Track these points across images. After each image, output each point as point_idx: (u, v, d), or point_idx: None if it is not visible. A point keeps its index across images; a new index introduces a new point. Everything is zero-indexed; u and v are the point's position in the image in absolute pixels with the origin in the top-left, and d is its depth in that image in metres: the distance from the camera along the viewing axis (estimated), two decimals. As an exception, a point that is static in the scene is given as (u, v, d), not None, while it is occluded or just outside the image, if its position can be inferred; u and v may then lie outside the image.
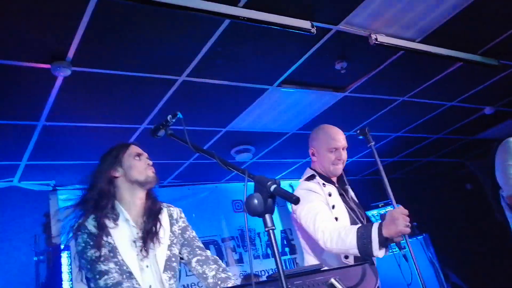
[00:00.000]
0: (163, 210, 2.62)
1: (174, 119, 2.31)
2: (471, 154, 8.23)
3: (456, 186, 8.76)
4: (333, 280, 1.91)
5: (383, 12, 3.48)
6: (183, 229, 2.65)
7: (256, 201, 1.56)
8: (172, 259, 2.49)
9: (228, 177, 6.74)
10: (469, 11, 3.66)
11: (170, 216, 2.64)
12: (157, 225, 2.51)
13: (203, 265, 2.54)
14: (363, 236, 2.48)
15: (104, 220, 2.39)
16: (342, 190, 3.05)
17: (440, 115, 5.99)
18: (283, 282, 1.50)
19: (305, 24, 3.30)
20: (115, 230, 2.40)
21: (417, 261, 2.56)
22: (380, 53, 4.07)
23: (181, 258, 2.59)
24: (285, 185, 7.06)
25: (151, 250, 2.42)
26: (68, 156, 4.84)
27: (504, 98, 5.93)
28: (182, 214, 2.72)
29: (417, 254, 2.58)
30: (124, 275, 2.30)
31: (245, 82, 4.13)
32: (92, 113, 4.08)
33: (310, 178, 3.01)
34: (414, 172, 8.63)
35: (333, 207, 2.84)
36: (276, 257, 1.53)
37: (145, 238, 2.43)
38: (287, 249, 6.97)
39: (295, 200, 1.56)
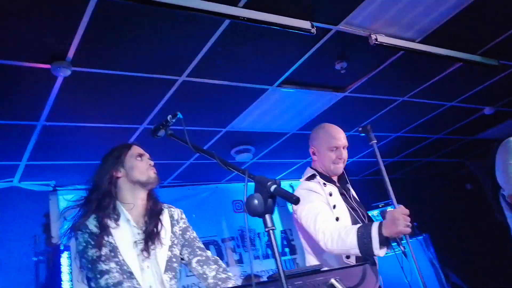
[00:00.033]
0: (164, 211, 2.63)
1: (174, 119, 2.31)
2: (471, 154, 8.23)
3: (456, 186, 8.75)
4: (333, 281, 1.91)
5: (383, 12, 3.48)
6: (184, 230, 2.65)
7: (256, 201, 1.56)
8: (173, 260, 2.49)
9: (229, 178, 6.74)
10: (469, 11, 3.66)
11: (171, 217, 2.65)
12: (159, 226, 2.51)
13: (204, 266, 2.54)
14: (363, 236, 2.48)
15: (106, 220, 2.39)
16: (344, 189, 3.04)
17: (440, 115, 5.99)
18: (283, 283, 1.50)
19: (305, 24, 3.30)
20: (116, 230, 2.40)
21: (417, 261, 2.56)
22: (380, 53, 4.07)
23: (182, 259, 2.59)
24: (285, 186, 7.05)
25: (152, 251, 2.42)
26: (68, 156, 4.83)
27: (504, 98, 5.93)
28: (183, 215, 2.73)
29: (417, 254, 2.58)
30: (125, 275, 2.30)
31: (245, 82, 4.12)
32: (92, 113, 4.08)
33: (311, 178, 3.00)
34: (414, 172, 8.63)
35: (334, 207, 2.83)
36: (276, 258, 1.53)
37: (147, 239, 2.43)
38: (287, 250, 6.96)
39: (295, 200, 1.56)
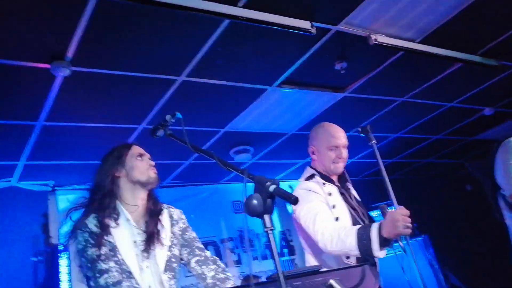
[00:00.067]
0: (164, 211, 2.63)
1: (173, 119, 2.31)
2: (471, 155, 8.22)
3: (456, 187, 8.75)
4: (332, 281, 1.91)
5: (383, 13, 3.48)
6: (183, 230, 2.65)
7: (256, 202, 1.55)
8: (173, 260, 2.49)
9: (228, 178, 6.73)
10: (469, 12, 3.65)
11: (171, 217, 2.65)
12: (158, 226, 2.52)
13: (202, 266, 2.54)
14: (363, 237, 2.47)
15: (106, 220, 2.40)
16: (344, 189, 3.03)
17: (440, 116, 5.98)
18: (282, 283, 1.50)
19: (305, 24, 3.29)
20: (116, 230, 2.41)
21: (417, 262, 2.55)
22: (380, 54, 4.07)
23: (181, 259, 2.59)
24: (285, 186, 7.04)
25: (152, 251, 2.43)
26: (67, 156, 4.82)
27: (504, 99, 5.93)
28: (183, 215, 2.73)
29: (417, 255, 2.57)
30: (124, 275, 2.30)
31: (245, 82, 4.12)
32: (92, 113, 4.07)
33: (310, 178, 2.99)
34: (414, 173, 8.62)
35: (334, 207, 2.81)
36: (275, 258, 1.52)
37: (147, 239, 2.44)
38: (286, 250, 6.95)
39: (294, 201, 1.56)
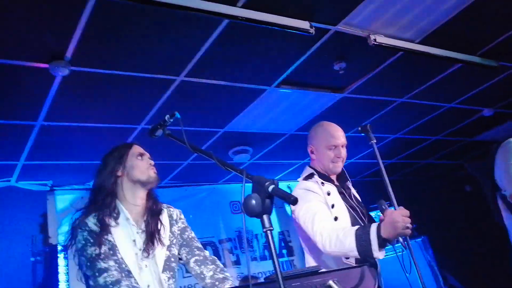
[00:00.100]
0: (163, 211, 2.66)
1: (172, 119, 2.31)
2: (470, 156, 8.22)
3: (455, 188, 8.74)
4: (331, 282, 1.91)
5: (382, 13, 3.47)
6: (183, 230, 2.68)
7: (254, 202, 1.55)
8: (172, 259, 2.51)
9: (226, 178, 6.72)
10: (468, 12, 3.65)
11: (170, 217, 2.67)
12: (159, 226, 2.53)
13: (201, 265, 2.55)
14: (362, 238, 2.47)
15: (106, 219, 2.42)
16: (343, 188, 3.02)
17: (439, 117, 5.98)
18: (281, 284, 1.49)
19: (304, 25, 3.29)
20: (116, 229, 2.42)
21: (417, 263, 2.55)
22: (379, 54, 4.06)
23: (180, 259, 2.61)
24: (283, 187, 6.99)
25: (151, 251, 2.44)
26: (66, 156, 4.80)
27: (503, 100, 5.92)
28: (182, 215, 2.76)
29: (416, 256, 2.57)
30: (123, 274, 2.32)
31: (244, 83, 4.11)
32: (90, 113, 4.06)
33: (308, 177, 2.99)
34: (413, 174, 8.62)
35: (333, 206, 2.81)
36: (274, 258, 1.52)
37: (147, 239, 2.45)
38: (285, 251, 6.93)
39: (293, 201, 1.55)
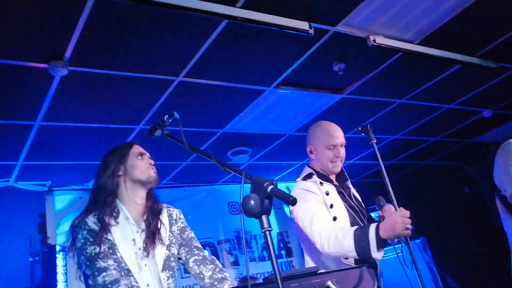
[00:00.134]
0: (163, 211, 2.67)
1: (171, 119, 2.31)
2: (469, 157, 8.22)
3: (454, 189, 8.75)
4: (330, 283, 1.90)
5: (382, 14, 3.47)
6: (182, 230, 2.69)
7: (253, 202, 1.54)
8: (171, 259, 2.52)
9: (225, 179, 6.71)
10: (468, 13, 3.65)
11: (170, 217, 2.69)
12: (159, 225, 2.54)
13: (200, 265, 2.56)
14: (361, 239, 2.47)
15: (105, 218, 2.42)
16: (342, 188, 3.02)
17: (438, 118, 5.98)
18: (280, 285, 1.49)
19: (303, 25, 3.28)
20: (115, 228, 2.43)
21: (417, 263, 2.55)
22: (378, 55, 4.06)
23: (179, 258, 2.62)
24: (282, 187, 6.97)
25: (151, 250, 2.45)
26: (65, 157, 4.80)
27: (503, 101, 5.92)
28: (181, 215, 2.77)
29: (415, 258, 2.56)
30: (122, 272, 2.33)
31: (243, 83, 4.11)
32: (89, 113, 4.06)
33: (307, 177, 2.99)
34: (412, 175, 8.62)
35: (331, 206, 2.81)
36: (273, 258, 1.52)
37: (147, 238, 2.46)
38: (283, 252, 6.92)
39: (292, 201, 1.55)
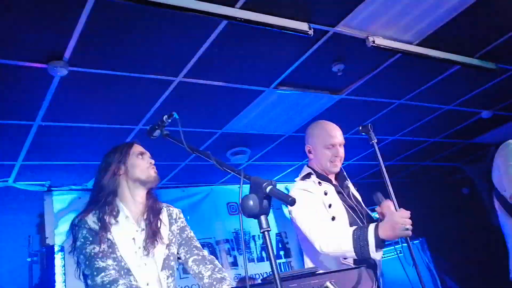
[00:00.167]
0: (163, 210, 2.68)
1: (170, 120, 2.32)
2: (468, 159, 8.22)
3: (453, 190, 8.74)
4: (329, 284, 1.90)
5: (381, 15, 3.47)
6: (182, 229, 2.69)
7: (252, 202, 1.54)
8: (171, 258, 2.53)
9: (223, 180, 6.71)
10: (467, 14, 3.65)
11: (170, 216, 2.70)
12: (159, 224, 2.54)
13: (200, 265, 2.57)
14: (360, 239, 2.47)
15: (105, 217, 2.43)
16: (341, 188, 3.01)
17: (437, 119, 5.98)
18: (278, 285, 1.49)
19: (302, 26, 3.29)
20: (115, 227, 2.44)
21: (416, 263, 2.55)
22: (377, 56, 4.06)
23: (178, 258, 2.63)
24: (281, 188, 7.00)
25: (151, 249, 2.45)
26: (64, 157, 4.80)
27: (502, 102, 5.92)
28: (181, 215, 2.78)
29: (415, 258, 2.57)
30: (122, 271, 2.33)
31: (242, 84, 4.11)
32: (88, 113, 4.06)
33: (306, 177, 2.98)
34: (411, 176, 8.61)
35: (330, 206, 2.80)
36: (271, 258, 1.52)
37: (148, 238, 2.47)
38: (282, 253, 6.91)
39: (291, 201, 1.54)
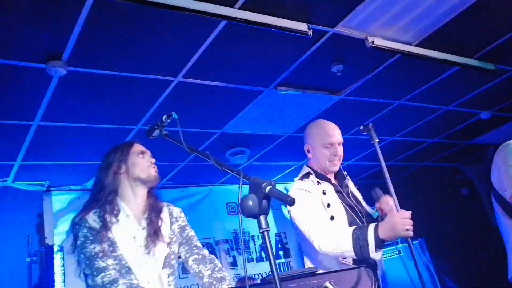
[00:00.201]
0: (164, 209, 2.69)
1: (169, 120, 2.32)
2: (467, 159, 8.22)
3: (452, 191, 8.75)
4: (328, 284, 1.90)
5: (380, 15, 3.47)
6: (182, 228, 2.70)
7: (251, 202, 1.54)
8: (171, 257, 2.54)
9: (223, 180, 6.71)
10: (466, 15, 3.65)
11: (170, 215, 2.71)
12: (159, 223, 2.55)
13: (200, 264, 2.57)
14: (359, 239, 2.47)
15: (106, 215, 2.44)
16: (341, 187, 3.01)
17: (436, 119, 5.98)
18: (278, 285, 1.49)
19: (302, 26, 3.29)
20: (116, 226, 2.44)
21: (414, 265, 2.56)
22: (377, 56, 4.06)
23: (179, 257, 2.63)
24: (281, 188, 7.01)
25: (152, 248, 2.45)
26: (63, 157, 4.80)
27: (501, 103, 5.92)
28: (182, 214, 2.79)
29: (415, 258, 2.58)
30: (123, 270, 2.34)
31: (241, 84, 4.11)
32: (87, 114, 4.05)
33: (304, 177, 2.98)
34: (410, 177, 8.61)
35: (329, 206, 2.80)
36: (271, 258, 1.52)
37: (148, 236, 2.47)
38: (281, 253, 6.91)
39: (290, 201, 1.55)
